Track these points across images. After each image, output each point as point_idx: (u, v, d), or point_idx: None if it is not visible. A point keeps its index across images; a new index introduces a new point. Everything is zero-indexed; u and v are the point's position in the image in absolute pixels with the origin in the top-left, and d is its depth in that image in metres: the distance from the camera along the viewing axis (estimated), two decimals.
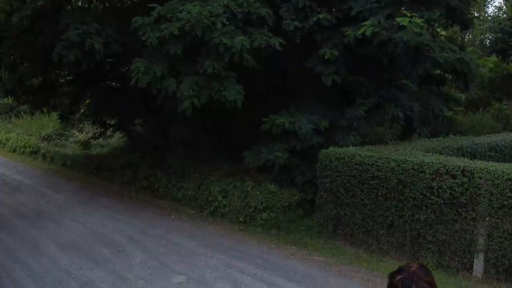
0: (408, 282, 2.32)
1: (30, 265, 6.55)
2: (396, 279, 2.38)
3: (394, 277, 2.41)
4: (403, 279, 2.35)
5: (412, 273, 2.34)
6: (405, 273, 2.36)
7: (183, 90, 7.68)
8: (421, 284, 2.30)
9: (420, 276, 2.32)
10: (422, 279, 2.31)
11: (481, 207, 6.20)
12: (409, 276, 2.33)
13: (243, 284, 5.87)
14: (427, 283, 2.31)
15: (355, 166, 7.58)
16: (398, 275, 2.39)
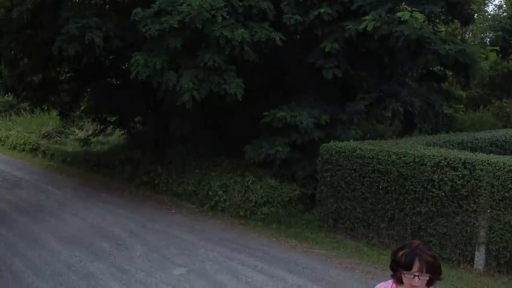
0: (411, 255, 2.32)
1: (30, 258, 6.53)
2: (399, 255, 2.37)
3: (397, 254, 2.40)
4: (406, 253, 2.34)
5: (414, 248, 2.34)
6: (408, 249, 2.36)
7: (183, 83, 7.66)
8: (424, 257, 2.30)
9: (423, 250, 2.32)
10: (425, 253, 2.30)
11: (482, 199, 6.18)
12: (412, 251, 2.33)
13: (243, 276, 5.86)
14: (430, 256, 2.30)
15: (356, 159, 7.56)
16: (400, 251, 2.39)
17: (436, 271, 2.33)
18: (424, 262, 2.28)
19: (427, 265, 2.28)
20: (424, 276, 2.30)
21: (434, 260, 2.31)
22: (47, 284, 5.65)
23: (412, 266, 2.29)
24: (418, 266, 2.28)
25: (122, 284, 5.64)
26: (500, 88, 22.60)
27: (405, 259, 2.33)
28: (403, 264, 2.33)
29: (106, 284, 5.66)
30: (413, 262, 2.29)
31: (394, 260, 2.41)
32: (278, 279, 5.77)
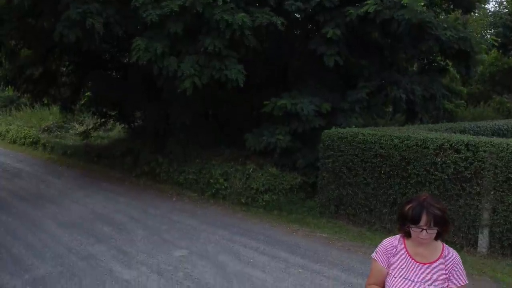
0: (419, 209, 2.27)
1: (30, 242, 6.48)
2: (406, 209, 2.33)
3: (404, 207, 2.36)
4: (413, 207, 2.30)
5: (422, 201, 2.29)
6: (415, 202, 2.31)
7: (184, 69, 7.62)
8: (431, 210, 2.25)
9: (431, 203, 2.27)
10: (433, 206, 2.26)
11: (486, 181, 6.14)
12: (419, 204, 2.29)
13: (245, 257, 5.82)
14: (438, 209, 2.26)
15: (358, 144, 7.52)
16: (408, 204, 2.35)
17: (445, 224, 2.29)
18: (432, 215, 2.24)
19: (435, 219, 2.24)
20: (432, 230, 2.26)
21: (442, 213, 2.27)
22: (47, 265, 5.60)
23: (419, 220, 2.26)
24: (426, 220, 2.25)
25: (123, 265, 5.59)
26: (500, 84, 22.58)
27: (412, 213, 2.29)
28: (410, 218, 2.29)
29: (106, 265, 5.61)
30: (421, 216, 2.25)
31: (402, 214, 2.37)
32: (280, 260, 5.73)
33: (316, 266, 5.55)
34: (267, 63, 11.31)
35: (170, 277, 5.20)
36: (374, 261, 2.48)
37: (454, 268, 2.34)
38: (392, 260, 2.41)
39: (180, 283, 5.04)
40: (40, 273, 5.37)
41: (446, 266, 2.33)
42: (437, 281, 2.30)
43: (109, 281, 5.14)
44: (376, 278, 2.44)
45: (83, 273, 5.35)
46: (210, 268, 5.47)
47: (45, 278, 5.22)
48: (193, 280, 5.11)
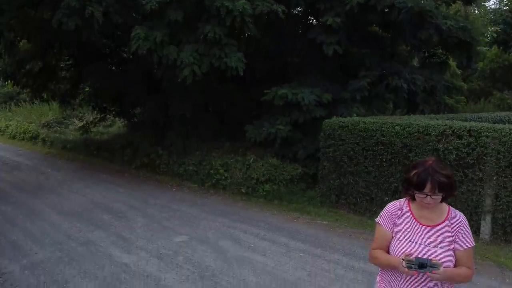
0: (424, 175, 2.22)
1: (28, 229, 6.43)
2: (411, 174, 2.27)
3: (409, 172, 2.31)
4: (418, 173, 2.24)
5: (428, 167, 2.24)
6: (421, 167, 2.26)
7: (183, 57, 7.57)
8: (436, 176, 2.19)
9: (436, 170, 2.22)
10: (439, 172, 2.20)
11: (488, 167, 6.10)
12: (425, 170, 2.23)
13: (246, 242, 5.77)
14: (444, 176, 2.20)
15: (359, 133, 7.47)
16: (413, 170, 2.29)
17: (450, 189, 2.24)
18: (437, 182, 2.19)
19: (439, 185, 2.19)
20: (436, 196, 2.21)
21: (447, 180, 2.21)
22: (46, 251, 5.55)
23: (424, 187, 2.20)
24: (430, 187, 2.19)
25: (122, 250, 5.54)
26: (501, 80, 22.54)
27: (417, 179, 2.23)
28: (415, 184, 2.24)
29: (106, 250, 5.56)
30: (425, 183, 2.20)
31: (406, 179, 2.32)
32: (281, 245, 5.68)
33: (317, 250, 5.50)
34: (267, 57, 11.27)
35: (170, 261, 5.15)
36: (379, 225, 2.43)
37: (460, 229, 2.29)
38: (397, 223, 2.36)
39: (180, 267, 4.99)
40: (39, 258, 5.32)
41: (452, 228, 2.28)
42: (443, 243, 2.25)
43: (108, 265, 5.08)
44: (381, 243, 2.39)
45: (82, 258, 5.30)
46: (210, 252, 5.42)
47: (44, 263, 5.17)
48: (193, 264, 5.06)
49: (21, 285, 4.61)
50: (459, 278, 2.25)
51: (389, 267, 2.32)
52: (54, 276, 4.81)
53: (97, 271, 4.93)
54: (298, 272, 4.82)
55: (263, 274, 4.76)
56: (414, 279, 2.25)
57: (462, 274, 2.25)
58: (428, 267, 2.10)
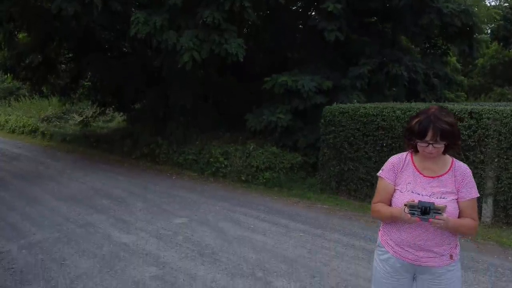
0: (425, 123, 2.17)
1: (27, 213, 6.39)
2: (413, 123, 2.23)
3: (411, 121, 2.27)
4: (420, 121, 2.20)
5: (430, 115, 2.19)
6: (423, 116, 2.22)
7: (183, 42, 7.54)
8: (438, 124, 2.15)
9: (439, 117, 2.17)
10: (441, 120, 2.16)
11: (490, 149, 6.06)
12: (427, 118, 2.19)
13: (246, 223, 5.73)
14: (446, 124, 2.15)
15: (360, 118, 7.43)
16: (415, 118, 2.25)
17: (453, 137, 2.18)
18: (439, 130, 2.14)
19: (442, 133, 2.14)
20: (439, 144, 2.16)
21: (450, 127, 2.16)
22: (44, 232, 5.51)
23: (425, 134, 2.15)
24: (432, 135, 2.14)
25: (121, 231, 5.50)
26: (501, 77, 22.53)
27: (418, 127, 2.19)
28: (416, 132, 2.19)
29: (105, 231, 5.52)
30: (427, 131, 2.15)
31: (408, 128, 2.27)
32: (281, 226, 5.65)
33: (317, 231, 5.46)
34: (267, 52, 11.26)
35: (169, 241, 5.11)
36: (381, 178, 2.39)
37: (464, 180, 2.24)
38: (399, 176, 2.32)
39: (179, 245, 4.95)
40: (37, 238, 5.28)
41: (456, 179, 2.24)
42: (446, 193, 2.21)
43: (107, 244, 5.04)
44: (383, 196, 2.35)
45: (81, 238, 5.26)
46: (210, 233, 5.38)
47: (41, 243, 5.13)
48: (193, 243, 5.02)
49: (19, 263, 4.57)
50: (463, 229, 2.20)
51: (391, 219, 2.28)
52: (52, 254, 4.77)
53: (96, 250, 4.89)
54: (298, 250, 4.78)
55: (263, 252, 4.72)
56: (416, 230, 2.21)
57: (466, 224, 2.20)
58: (431, 213, 2.05)
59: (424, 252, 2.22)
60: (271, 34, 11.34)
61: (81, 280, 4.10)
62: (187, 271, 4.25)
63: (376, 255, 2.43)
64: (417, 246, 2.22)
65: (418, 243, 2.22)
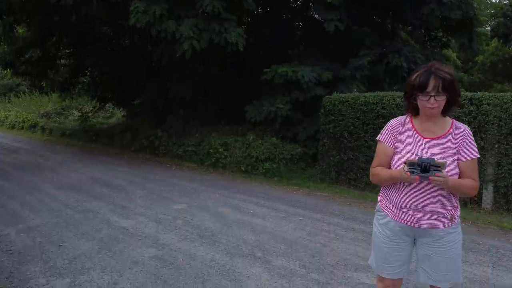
0: (426, 74, 2.15)
1: (26, 201, 6.37)
2: (414, 77, 2.21)
3: (411, 77, 2.24)
4: (421, 74, 2.17)
5: (430, 67, 2.17)
6: (423, 69, 2.19)
7: (182, 31, 7.52)
8: (439, 73, 2.12)
9: (439, 68, 2.15)
10: (441, 70, 2.14)
11: (490, 135, 6.04)
12: (427, 70, 2.16)
13: (246, 209, 5.71)
14: (447, 73, 2.13)
15: (360, 107, 7.42)
16: (416, 73, 2.22)
17: (454, 91, 2.15)
18: (440, 79, 2.10)
19: (443, 83, 2.10)
20: (440, 97, 2.13)
21: (451, 78, 2.13)
22: (42, 217, 5.49)
23: (427, 85, 2.12)
24: (434, 85, 2.11)
25: (121, 216, 5.48)
26: (501, 73, 22.51)
27: (419, 80, 2.15)
28: (418, 85, 2.15)
29: (104, 216, 5.50)
30: (428, 81, 2.12)
31: (409, 83, 2.24)
32: (280, 211, 5.63)
33: (317, 215, 5.44)
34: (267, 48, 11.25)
35: (168, 224, 5.09)
36: (380, 142, 2.37)
37: (464, 140, 2.22)
38: (399, 138, 2.29)
39: (178, 228, 4.93)
40: (35, 223, 5.26)
41: (456, 139, 2.21)
42: (446, 154, 2.18)
43: (106, 228, 5.02)
44: (382, 160, 2.33)
45: (80, 223, 5.24)
46: (209, 217, 5.36)
47: (40, 227, 5.11)
48: (192, 226, 5.00)
49: (17, 245, 4.54)
50: (463, 188, 2.18)
51: (391, 181, 2.26)
52: (50, 237, 4.75)
53: (95, 233, 4.87)
54: (297, 232, 4.76)
55: (262, 234, 4.71)
56: (416, 191, 2.18)
57: (467, 184, 2.18)
58: (431, 171, 2.03)
59: (424, 214, 2.19)
60: (271, 31, 11.34)
61: (80, 260, 4.08)
62: (186, 251, 4.23)
63: (375, 220, 2.41)
64: (417, 208, 2.20)
65: (418, 204, 2.19)
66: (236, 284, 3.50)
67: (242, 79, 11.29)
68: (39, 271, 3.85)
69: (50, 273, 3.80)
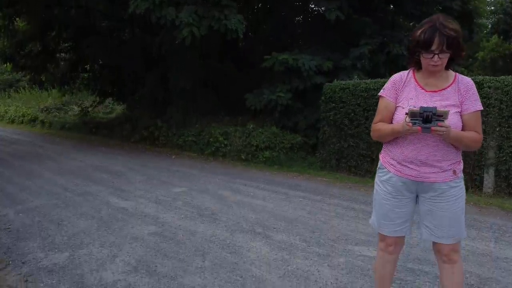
0: (431, 31, 2.10)
1: (25, 185, 6.34)
2: (418, 33, 2.16)
3: (415, 32, 2.19)
4: (425, 29, 2.12)
5: (435, 22, 2.11)
6: (427, 25, 2.14)
7: (182, 17, 7.49)
8: (444, 31, 2.08)
9: (444, 24, 2.09)
10: (446, 27, 2.09)
11: (491, 118, 6.02)
12: (432, 26, 2.10)
13: (246, 191, 5.69)
14: (452, 30, 2.09)
15: (360, 93, 7.40)
16: (420, 28, 2.17)
17: (458, 46, 2.12)
18: (445, 37, 2.06)
19: (447, 41, 2.06)
20: (444, 54, 2.10)
21: (456, 34, 2.10)
22: (41, 200, 5.46)
23: (431, 43, 2.08)
24: (438, 42, 2.06)
25: (120, 198, 5.45)
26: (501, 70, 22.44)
27: (424, 37, 2.11)
28: (422, 42, 2.11)
29: (103, 198, 5.47)
30: (433, 39, 2.07)
31: (413, 39, 2.20)
32: (280, 193, 5.60)
33: (317, 197, 5.42)
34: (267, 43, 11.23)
35: (168, 205, 5.07)
36: (382, 98, 2.35)
37: (467, 92, 2.19)
38: (401, 93, 2.27)
39: (178, 208, 4.90)
40: (34, 204, 5.23)
41: (459, 91, 2.18)
42: (449, 106, 2.15)
43: (106, 209, 4.99)
44: (384, 115, 2.30)
45: (79, 205, 5.21)
46: (210, 199, 5.34)
47: (39, 208, 5.08)
48: (192, 206, 4.98)
49: (15, 224, 4.52)
50: (466, 140, 2.14)
51: (392, 135, 2.23)
52: (49, 217, 4.72)
53: (94, 213, 4.84)
54: (297, 212, 4.74)
55: (262, 212, 4.68)
56: (419, 144, 2.15)
57: (470, 136, 2.14)
58: (434, 121, 2.00)
59: (427, 167, 2.17)
60: (271, 27, 11.33)
61: (79, 236, 4.05)
62: (187, 228, 4.21)
63: (377, 178, 2.38)
64: (419, 162, 2.17)
65: (420, 158, 2.16)
66: (236, 256, 3.48)
67: (242, 72, 11.28)
68: (37, 247, 3.82)
69: (48, 248, 3.77)
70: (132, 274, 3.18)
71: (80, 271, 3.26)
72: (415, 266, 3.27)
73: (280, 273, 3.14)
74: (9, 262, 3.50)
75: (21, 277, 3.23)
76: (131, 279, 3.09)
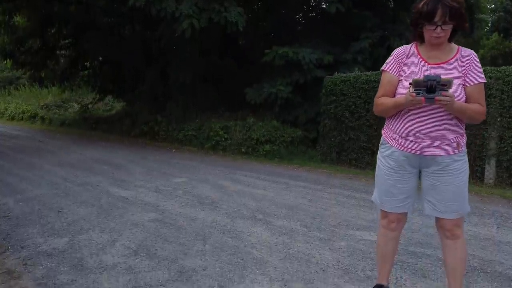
0: (434, 2, 2.08)
1: (25, 176, 6.32)
2: (421, 5, 2.14)
3: (418, 4, 2.17)
4: (428, 1, 2.10)
5: None
6: None
7: (182, 9, 7.47)
8: (448, 2, 2.06)
9: None
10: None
11: (492, 108, 5.99)
12: None
13: (246, 182, 5.67)
14: (455, 1, 2.07)
15: (361, 85, 7.38)
16: (422, 0, 2.15)
17: (461, 18, 2.10)
18: (448, 8, 2.04)
19: (450, 12, 2.04)
20: (447, 26, 2.08)
21: (459, 6, 2.08)
22: (41, 189, 5.44)
23: (434, 14, 2.06)
24: (441, 14, 2.04)
25: (120, 188, 5.43)
26: None
27: (427, 8, 2.09)
28: (425, 13, 2.08)
29: (103, 188, 5.45)
30: (436, 10, 2.05)
31: (415, 11, 2.18)
32: (281, 183, 5.58)
33: (318, 187, 5.40)
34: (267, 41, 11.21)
35: (169, 194, 5.04)
36: (384, 72, 2.32)
37: (470, 65, 2.17)
38: (404, 66, 2.24)
39: (179, 197, 4.88)
40: (34, 194, 5.21)
41: (462, 64, 2.16)
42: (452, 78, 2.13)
43: (106, 197, 4.97)
44: (387, 89, 2.28)
45: (79, 194, 5.18)
46: (210, 188, 5.32)
47: (39, 197, 5.06)
48: (193, 195, 4.95)
49: (15, 212, 4.50)
50: (470, 112, 2.11)
51: (395, 108, 2.20)
52: (49, 205, 4.70)
53: (94, 201, 4.82)
54: (298, 200, 4.72)
55: (263, 200, 4.66)
56: (422, 117, 2.13)
57: (473, 108, 2.12)
58: (437, 91, 1.98)
59: (430, 140, 2.14)
60: (271, 25, 11.29)
61: (79, 223, 4.03)
62: (187, 215, 4.18)
63: (379, 154, 2.36)
64: (422, 135, 2.15)
65: (423, 131, 2.14)
66: (237, 240, 3.45)
67: (242, 69, 11.26)
68: (37, 233, 3.80)
69: (48, 234, 3.75)
70: (132, 257, 3.15)
71: (80, 255, 3.24)
72: (417, 249, 3.25)
73: (281, 255, 3.12)
74: (8, 247, 3.48)
75: (20, 260, 3.21)
76: (131, 262, 3.07)
